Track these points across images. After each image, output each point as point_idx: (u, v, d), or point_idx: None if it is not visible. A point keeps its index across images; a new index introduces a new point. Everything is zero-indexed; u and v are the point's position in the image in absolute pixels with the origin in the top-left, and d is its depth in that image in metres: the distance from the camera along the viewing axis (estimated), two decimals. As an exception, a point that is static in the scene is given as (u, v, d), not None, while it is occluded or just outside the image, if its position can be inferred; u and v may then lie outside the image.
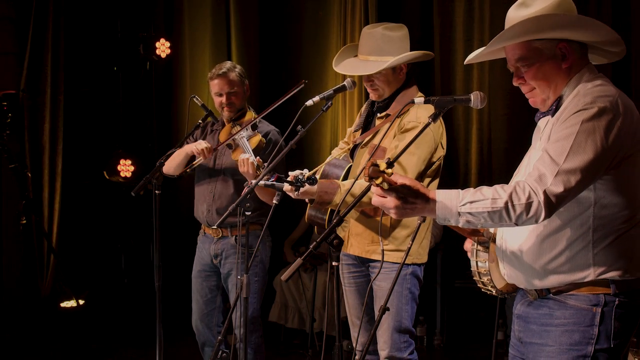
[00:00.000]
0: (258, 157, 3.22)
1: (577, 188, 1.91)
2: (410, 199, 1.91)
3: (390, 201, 1.92)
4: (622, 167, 1.97)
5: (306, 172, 2.76)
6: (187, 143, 3.89)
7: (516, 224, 1.92)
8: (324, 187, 2.88)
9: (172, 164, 3.73)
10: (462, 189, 1.96)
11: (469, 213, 1.91)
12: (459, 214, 1.92)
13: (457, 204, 1.91)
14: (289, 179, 2.75)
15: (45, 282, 5.93)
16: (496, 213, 1.89)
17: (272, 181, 2.89)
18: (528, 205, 1.88)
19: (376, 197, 1.95)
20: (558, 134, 1.96)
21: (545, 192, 1.87)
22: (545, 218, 1.89)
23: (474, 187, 1.96)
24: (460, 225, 1.96)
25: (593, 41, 2.11)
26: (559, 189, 1.88)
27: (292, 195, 2.83)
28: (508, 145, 5.61)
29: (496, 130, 5.67)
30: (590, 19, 2.09)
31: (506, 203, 1.88)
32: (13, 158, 5.30)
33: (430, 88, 5.60)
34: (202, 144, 3.58)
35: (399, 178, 1.90)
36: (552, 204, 1.88)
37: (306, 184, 2.74)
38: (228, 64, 3.79)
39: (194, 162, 3.64)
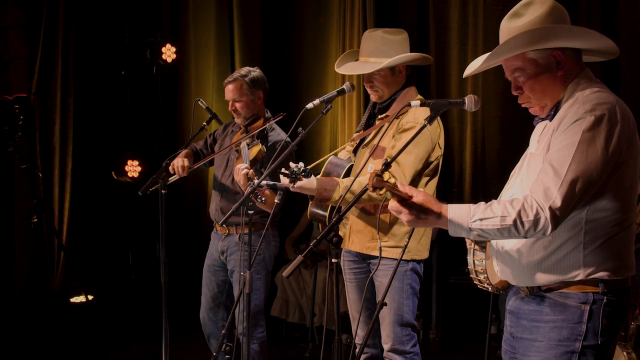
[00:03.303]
0: (252, 170, 3.20)
1: (581, 197, 1.91)
2: (423, 215, 1.94)
3: (404, 215, 1.95)
4: (617, 173, 1.95)
5: (301, 165, 2.76)
6: (206, 138, 3.96)
7: (525, 237, 1.93)
8: (324, 184, 2.88)
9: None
10: (473, 204, 1.97)
11: (480, 229, 1.92)
12: (470, 229, 1.93)
13: (468, 220, 1.92)
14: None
15: (56, 278, 5.93)
16: (505, 229, 1.91)
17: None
18: (536, 221, 1.88)
19: (392, 212, 1.97)
20: (560, 144, 1.94)
21: (551, 208, 1.87)
22: (552, 231, 1.90)
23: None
24: (471, 238, 1.99)
25: (586, 48, 2.10)
26: (564, 202, 1.88)
27: (290, 189, 2.84)
28: (501, 146, 5.61)
29: (489, 132, 5.66)
30: (581, 29, 2.08)
31: (515, 221, 1.89)
32: (24, 159, 5.28)
33: (425, 91, 5.58)
34: (179, 162, 3.62)
35: (414, 192, 1.93)
36: (558, 218, 1.89)
37: (301, 176, 2.74)
38: (242, 71, 3.75)
39: (170, 178, 3.63)
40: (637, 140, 2.00)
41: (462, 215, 1.93)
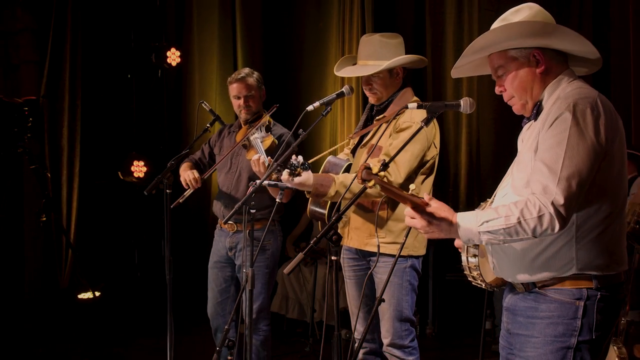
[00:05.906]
0: (269, 157, 3.20)
1: (580, 190, 1.89)
2: (435, 221, 1.95)
3: (418, 222, 1.96)
4: (603, 163, 1.94)
5: (301, 159, 2.76)
6: (203, 148, 3.94)
7: (535, 236, 1.91)
8: (320, 180, 2.89)
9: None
10: (480, 210, 2.00)
11: (488, 231, 1.91)
12: (479, 233, 1.93)
13: (476, 224, 1.93)
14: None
15: (64, 275, 5.93)
16: (511, 228, 1.89)
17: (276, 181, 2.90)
18: (540, 218, 1.86)
19: (407, 218, 1.99)
20: (548, 142, 1.94)
21: (553, 204, 1.86)
22: (561, 228, 1.88)
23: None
24: (483, 243, 1.98)
25: (565, 49, 2.08)
26: (564, 198, 1.86)
27: (290, 184, 2.84)
28: (495, 147, 5.61)
29: (484, 134, 5.67)
30: (558, 26, 2.06)
31: (518, 219, 1.88)
32: (34, 159, 5.28)
33: (422, 94, 5.59)
34: (189, 176, 3.60)
35: (432, 202, 1.95)
36: (562, 214, 1.87)
37: (300, 169, 2.74)
38: (247, 70, 3.78)
39: (185, 194, 3.63)
40: (620, 131, 2.00)
41: (470, 221, 1.94)
